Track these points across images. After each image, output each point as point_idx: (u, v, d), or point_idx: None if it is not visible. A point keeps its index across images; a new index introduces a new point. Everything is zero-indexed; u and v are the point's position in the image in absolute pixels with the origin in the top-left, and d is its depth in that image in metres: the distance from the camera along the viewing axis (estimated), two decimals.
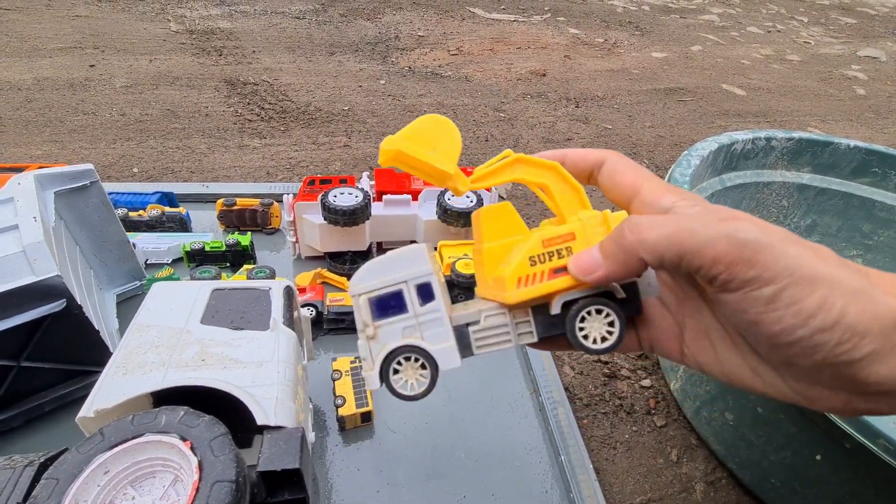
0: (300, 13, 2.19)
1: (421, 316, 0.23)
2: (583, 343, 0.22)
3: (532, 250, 0.22)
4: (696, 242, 0.18)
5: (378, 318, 0.23)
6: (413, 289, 0.23)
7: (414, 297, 0.23)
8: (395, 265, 0.23)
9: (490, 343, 0.24)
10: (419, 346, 0.23)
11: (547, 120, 1.48)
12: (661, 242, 0.19)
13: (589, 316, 0.22)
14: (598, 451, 0.57)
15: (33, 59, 1.50)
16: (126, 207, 0.76)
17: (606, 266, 0.20)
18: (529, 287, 0.22)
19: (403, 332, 0.23)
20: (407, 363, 0.23)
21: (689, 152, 0.67)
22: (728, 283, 0.18)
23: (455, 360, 0.23)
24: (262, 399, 0.32)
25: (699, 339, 0.23)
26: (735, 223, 0.18)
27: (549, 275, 0.22)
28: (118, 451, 0.28)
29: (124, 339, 0.36)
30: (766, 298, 0.18)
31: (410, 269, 0.23)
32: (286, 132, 1.26)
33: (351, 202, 0.68)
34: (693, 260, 0.18)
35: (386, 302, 0.23)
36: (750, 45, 2.47)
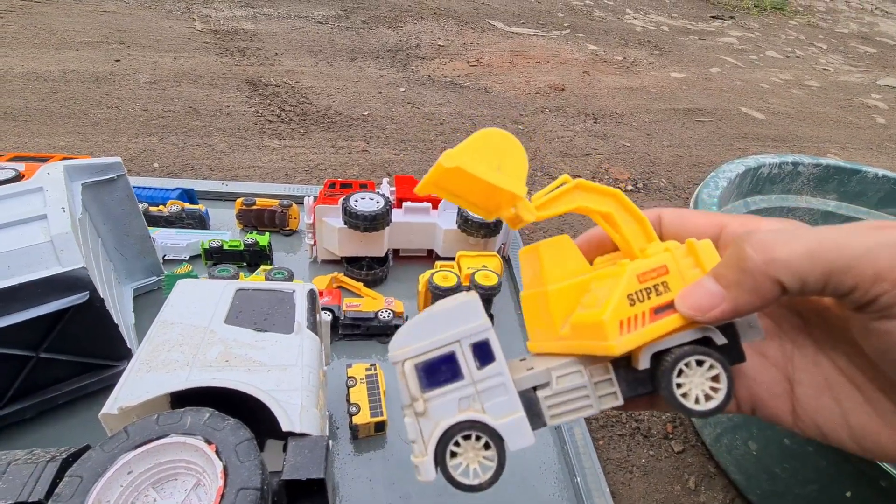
0: (323, 18, 2.21)
1: (480, 383, 0.19)
2: (683, 403, 0.18)
3: (629, 287, 0.18)
4: (848, 256, 0.15)
5: (428, 388, 0.19)
6: (468, 349, 0.19)
7: (470, 360, 0.19)
8: (444, 321, 0.19)
9: (566, 410, 0.19)
10: (481, 420, 0.18)
11: (565, 134, 1.48)
12: (800, 260, 0.15)
13: (687, 369, 0.18)
14: (614, 475, 0.55)
15: (60, 52, 1.52)
16: (146, 202, 0.76)
17: (731, 297, 0.17)
18: (637, 332, 0.18)
19: (460, 403, 0.19)
20: (466, 443, 0.19)
21: (716, 173, 0.66)
22: (893, 307, 0.15)
23: (527, 435, 0.19)
24: (286, 405, 0.32)
25: (818, 396, 0.19)
26: (884, 231, 0.15)
27: (651, 316, 0.18)
28: (142, 452, 0.27)
29: (148, 336, 0.36)
30: None
31: (464, 326, 0.19)
32: (306, 135, 1.26)
33: (372, 208, 0.68)
34: (845, 279, 0.15)
35: (436, 367, 0.19)
36: (769, 69, 2.46)
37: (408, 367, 0.19)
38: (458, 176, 0.18)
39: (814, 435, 0.20)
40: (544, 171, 1.26)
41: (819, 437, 0.19)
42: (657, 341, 0.19)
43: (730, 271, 0.17)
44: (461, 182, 0.19)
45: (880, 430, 0.18)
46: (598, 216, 0.21)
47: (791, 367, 0.20)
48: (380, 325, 0.64)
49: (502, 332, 0.69)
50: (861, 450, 0.18)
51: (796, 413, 0.20)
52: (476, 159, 0.18)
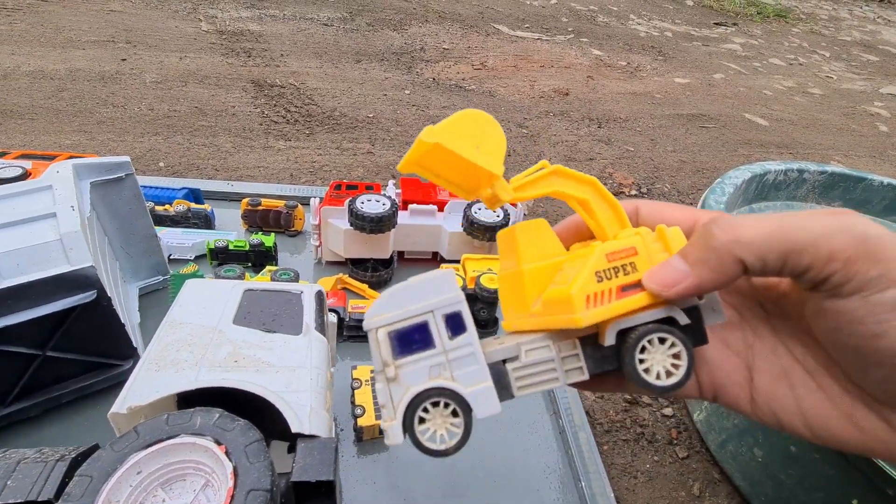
0: (328, 20, 2.22)
1: (451, 352, 0.19)
2: (644, 378, 0.19)
3: (597, 265, 0.19)
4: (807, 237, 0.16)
5: (400, 355, 0.19)
6: (441, 319, 0.19)
7: (442, 330, 0.19)
8: (419, 292, 0.19)
9: (533, 382, 0.20)
10: (450, 387, 0.19)
11: (569, 139, 1.48)
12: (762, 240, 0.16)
13: (650, 346, 0.19)
14: (619, 480, 0.55)
15: (67, 51, 1.53)
16: (152, 201, 0.76)
17: (696, 274, 0.17)
18: (603, 307, 0.19)
19: (430, 371, 0.19)
20: (435, 410, 0.19)
21: (722, 179, 0.66)
22: (844, 285, 0.16)
23: (493, 404, 0.19)
24: (296, 406, 0.32)
25: (774, 383, 0.20)
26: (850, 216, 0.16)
27: (618, 293, 0.19)
28: (152, 452, 0.27)
29: (157, 335, 0.36)
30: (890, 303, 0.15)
31: (437, 297, 0.19)
32: (311, 136, 1.26)
33: (378, 209, 0.68)
34: (802, 258, 0.16)
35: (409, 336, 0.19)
36: (772, 76, 2.47)
37: (381, 334, 0.19)
38: (438, 153, 0.19)
39: (770, 421, 0.20)
40: None
41: (774, 423, 0.20)
42: (623, 318, 0.19)
43: (696, 250, 0.18)
44: (441, 159, 0.19)
45: (830, 415, 0.19)
46: (575, 202, 0.22)
47: (751, 356, 0.21)
48: None
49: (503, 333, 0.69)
50: (813, 436, 0.19)
51: (754, 400, 0.21)
52: (456, 137, 0.19)
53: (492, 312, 0.66)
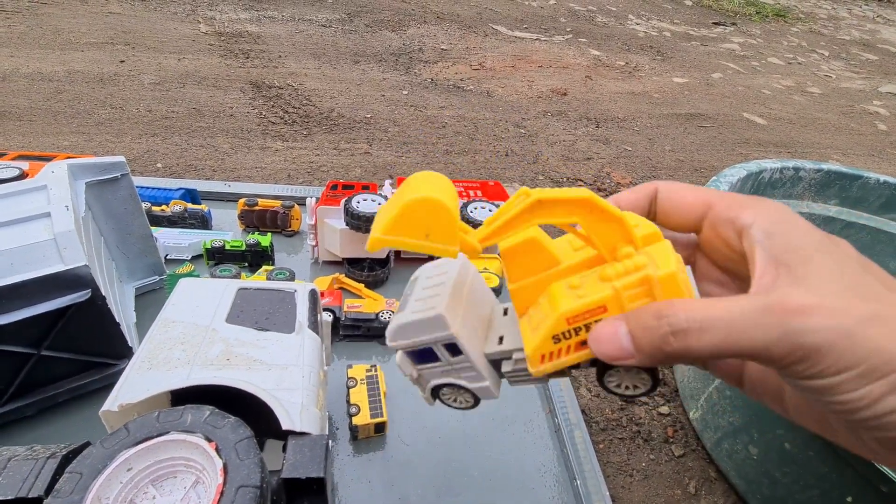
0: (327, 21, 2.22)
1: (455, 364, 0.24)
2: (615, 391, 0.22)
3: (555, 328, 0.20)
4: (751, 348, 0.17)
5: (418, 363, 0.25)
6: (442, 346, 0.24)
7: (444, 352, 0.24)
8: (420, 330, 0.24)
9: (522, 381, 0.24)
10: (458, 383, 0.25)
11: (567, 138, 1.48)
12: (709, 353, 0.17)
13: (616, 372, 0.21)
14: (614, 478, 0.55)
15: (66, 52, 1.53)
16: (149, 202, 0.77)
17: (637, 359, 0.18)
18: (554, 361, 0.21)
19: (442, 374, 0.25)
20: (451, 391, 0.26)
21: (717, 178, 0.66)
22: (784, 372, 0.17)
23: (493, 395, 0.25)
24: (287, 403, 0.32)
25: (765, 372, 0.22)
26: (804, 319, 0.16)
27: (576, 347, 0.20)
28: (142, 449, 0.27)
29: (150, 334, 0.36)
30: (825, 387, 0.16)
31: (435, 335, 0.23)
32: (308, 136, 1.27)
33: (374, 209, 0.68)
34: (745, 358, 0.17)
35: (421, 354, 0.25)
36: (770, 75, 2.47)
37: (400, 354, 0.25)
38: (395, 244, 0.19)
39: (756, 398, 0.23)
40: (546, 174, 1.26)
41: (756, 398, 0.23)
42: None
43: (647, 342, 0.18)
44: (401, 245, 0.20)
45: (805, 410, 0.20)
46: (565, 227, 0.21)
47: None
48: (380, 327, 0.63)
49: None
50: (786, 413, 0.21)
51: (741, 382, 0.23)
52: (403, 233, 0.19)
53: None
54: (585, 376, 0.67)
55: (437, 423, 0.56)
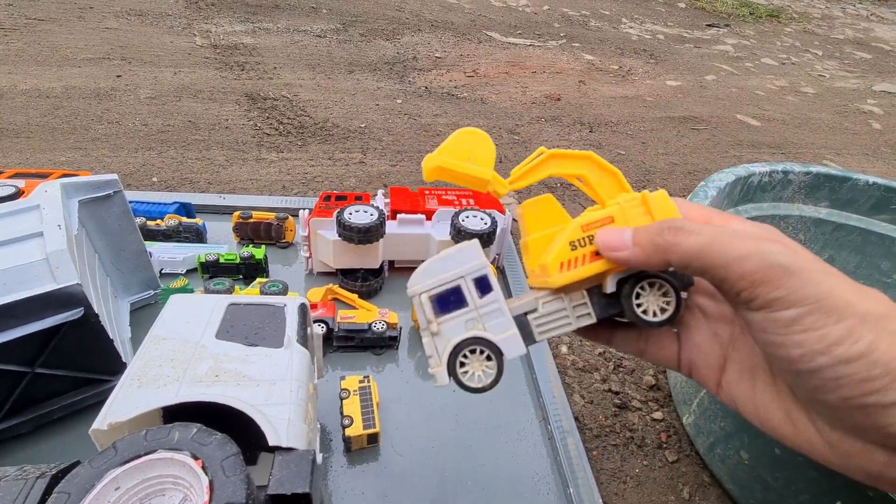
0: (321, 32, 2.24)
1: (481, 308, 0.24)
2: (642, 317, 0.23)
3: (572, 235, 0.23)
4: (727, 258, 0.18)
5: (440, 313, 0.24)
6: (471, 283, 0.23)
7: (473, 291, 0.24)
8: (450, 263, 0.24)
9: (551, 328, 0.24)
10: (484, 336, 0.24)
11: (561, 143, 1.49)
12: (693, 252, 0.19)
13: (643, 291, 0.23)
14: (608, 485, 0.55)
15: (63, 69, 1.54)
16: (144, 216, 0.77)
17: (633, 252, 0.21)
18: (572, 271, 0.23)
19: (466, 325, 0.24)
20: (472, 356, 0.24)
21: (706, 183, 0.67)
22: (751, 302, 0.18)
23: (520, 347, 0.24)
24: (274, 419, 0.32)
25: (742, 374, 0.23)
26: (771, 245, 0.18)
27: (591, 258, 0.23)
28: (130, 467, 0.27)
29: (140, 351, 0.37)
30: (786, 321, 0.18)
31: (466, 265, 0.24)
32: (303, 147, 1.28)
33: (366, 220, 0.68)
34: (718, 272, 0.19)
35: (446, 298, 0.24)
36: (764, 76, 2.48)
37: (424, 299, 0.24)
38: (442, 170, 0.24)
39: (729, 404, 0.24)
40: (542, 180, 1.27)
41: (732, 405, 0.23)
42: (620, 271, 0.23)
43: (644, 236, 0.21)
44: (447, 173, 0.24)
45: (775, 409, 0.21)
46: (573, 179, 0.25)
47: (731, 349, 0.24)
48: (374, 337, 0.64)
49: None
50: (760, 424, 0.22)
51: (721, 384, 0.24)
52: (452, 155, 0.24)
53: None
54: (579, 382, 0.67)
55: (430, 432, 0.56)
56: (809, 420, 0.20)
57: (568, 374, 0.68)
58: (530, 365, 0.66)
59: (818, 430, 0.19)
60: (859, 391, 0.16)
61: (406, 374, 0.63)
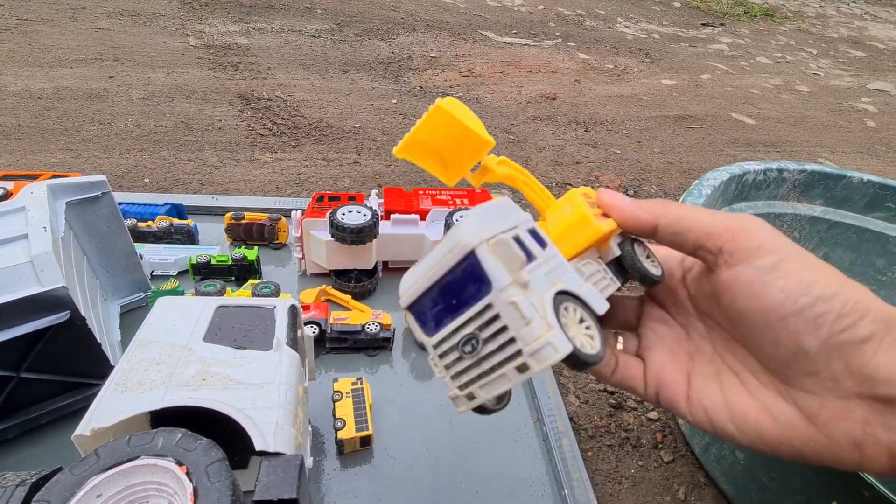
0: (316, 32, 2.23)
1: (549, 261, 0.20)
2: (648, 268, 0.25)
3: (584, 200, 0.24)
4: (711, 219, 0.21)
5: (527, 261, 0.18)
6: (527, 234, 0.20)
7: (532, 243, 0.19)
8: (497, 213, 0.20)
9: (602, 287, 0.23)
10: (572, 291, 0.19)
11: (556, 143, 1.48)
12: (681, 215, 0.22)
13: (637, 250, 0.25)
14: (603, 486, 0.55)
15: (54, 69, 1.53)
16: (135, 218, 0.76)
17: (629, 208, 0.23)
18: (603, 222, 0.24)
19: (548, 278, 0.19)
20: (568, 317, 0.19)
21: (700, 181, 0.67)
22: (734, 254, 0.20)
23: (602, 301, 0.21)
24: (261, 423, 0.32)
25: (707, 383, 0.24)
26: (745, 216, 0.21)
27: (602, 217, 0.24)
28: (112, 474, 0.27)
29: (126, 355, 0.36)
30: (768, 267, 0.19)
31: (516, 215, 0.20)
32: (297, 147, 1.27)
33: (359, 220, 0.68)
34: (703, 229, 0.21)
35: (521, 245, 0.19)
36: (759, 74, 2.48)
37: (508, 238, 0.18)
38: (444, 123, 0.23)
39: (702, 419, 0.23)
40: None
41: (706, 420, 0.23)
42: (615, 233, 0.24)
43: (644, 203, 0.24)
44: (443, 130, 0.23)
45: (750, 407, 0.21)
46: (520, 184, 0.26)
47: (691, 364, 0.25)
48: (367, 339, 0.63)
49: None
50: (737, 430, 0.22)
51: (689, 398, 0.24)
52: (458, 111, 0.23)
53: None
54: (574, 384, 0.67)
55: (423, 435, 0.56)
56: (786, 400, 0.20)
57: (563, 375, 0.68)
58: None
59: (797, 408, 0.20)
60: (837, 328, 0.18)
61: (400, 375, 0.63)
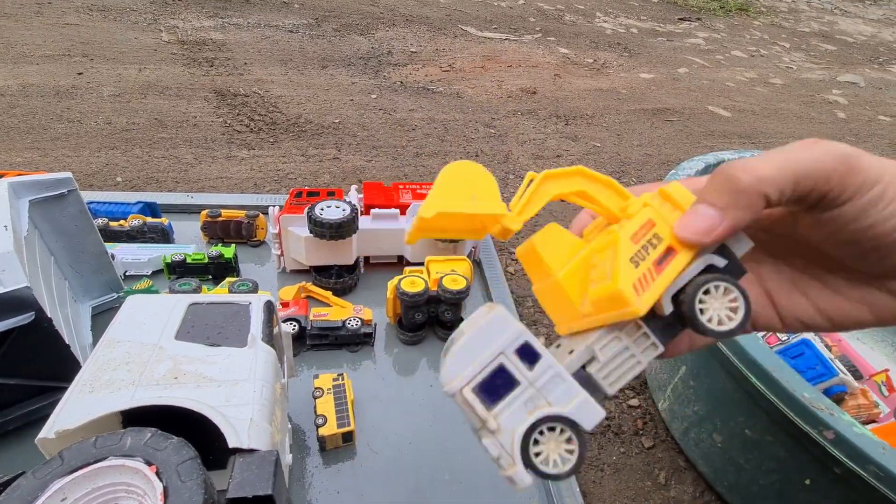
0: (294, 27, 2.20)
1: (536, 381, 0.20)
2: (712, 328, 0.20)
3: (627, 252, 0.20)
4: (806, 166, 0.19)
5: (492, 404, 0.20)
6: (514, 356, 0.20)
7: (519, 365, 0.20)
8: (482, 341, 0.20)
9: (619, 375, 0.21)
10: (551, 413, 0.20)
11: (537, 137, 1.49)
12: (778, 174, 0.19)
13: (705, 297, 0.20)
14: (585, 474, 0.56)
15: (19, 66, 1.48)
16: (107, 217, 0.74)
17: (729, 216, 0.19)
18: (651, 288, 0.20)
19: (526, 406, 0.20)
20: (544, 438, 0.20)
21: (676, 171, 0.68)
22: (841, 195, 0.19)
23: (597, 411, 0.20)
24: (235, 420, 0.31)
25: (790, 296, 0.24)
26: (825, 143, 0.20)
27: (656, 268, 0.20)
28: (77, 477, 0.26)
29: (93, 356, 0.35)
30: (874, 198, 0.19)
31: (502, 337, 0.20)
32: (275, 144, 1.25)
33: (338, 215, 0.67)
34: (806, 183, 0.19)
35: (493, 383, 0.20)
36: (734, 68, 2.53)
37: (467, 393, 0.20)
38: (442, 218, 0.20)
39: (799, 328, 0.24)
40: (516, 173, 1.27)
41: (803, 328, 0.24)
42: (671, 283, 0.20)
43: (722, 195, 0.20)
44: (446, 222, 0.21)
45: (843, 304, 0.23)
46: (573, 197, 0.22)
47: (763, 281, 0.25)
48: (348, 334, 0.63)
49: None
50: (833, 325, 0.23)
51: (781, 316, 0.24)
52: (451, 198, 0.20)
53: (456, 313, 0.66)
54: None
55: (407, 429, 0.56)
56: (885, 291, 0.22)
57: None
58: None
59: (889, 292, 0.21)
60: None
61: (382, 370, 0.62)
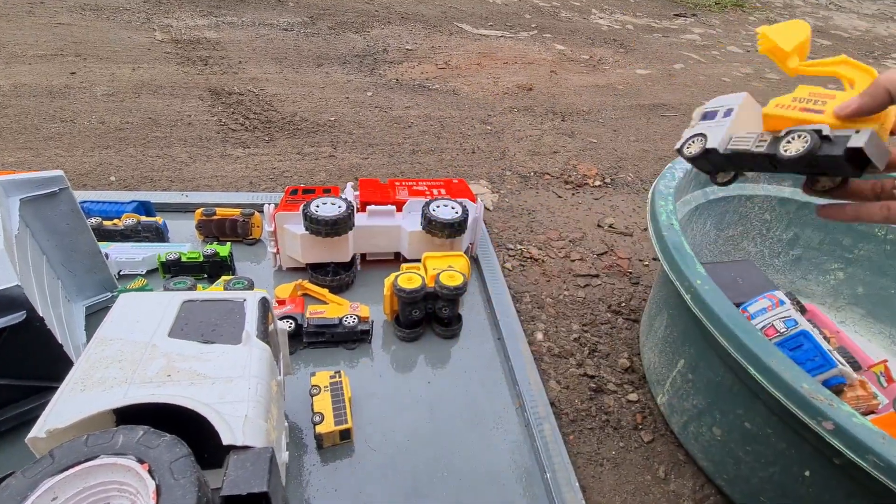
0: (288, 25, 2.19)
1: (718, 122, 0.41)
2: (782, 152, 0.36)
3: (798, 93, 0.37)
4: None
5: (701, 120, 0.43)
6: (723, 111, 0.41)
7: (721, 115, 0.41)
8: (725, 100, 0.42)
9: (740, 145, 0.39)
10: (701, 132, 0.42)
11: (533, 133, 1.49)
12: None
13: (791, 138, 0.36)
14: (585, 468, 0.55)
15: (11, 66, 1.47)
16: (100, 216, 0.74)
17: (858, 101, 0.31)
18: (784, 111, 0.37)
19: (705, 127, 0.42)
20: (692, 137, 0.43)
21: (672, 165, 0.67)
22: None
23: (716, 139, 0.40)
24: (229, 417, 0.31)
25: None
26: None
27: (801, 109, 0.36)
28: (68, 475, 0.25)
29: (85, 354, 0.34)
30: None
31: (729, 102, 0.41)
32: (270, 142, 1.24)
33: (333, 212, 0.67)
34: None
35: (708, 114, 0.42)
36: (730, 63, 2.53)
37: (697, 112, 0.44)
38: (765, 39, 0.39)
39: None
40: (513, 170, 1.26)
41: None
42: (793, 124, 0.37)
43: (866, 87, 0.32)
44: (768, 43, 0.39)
45: None
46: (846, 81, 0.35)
47: None
48: (345, 332, 0.62)
49: (473, 331, 0.69)
50: None
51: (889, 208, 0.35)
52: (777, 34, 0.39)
53: (453, 310, 0.65)
54: (555, 369, 0.67)
55: (404, 426, 0.55)
56: None
57: (544, 361, 0.68)
58: (506, 354, 0.65)
59: None
60: None
61: (379, 367, 0.62)
